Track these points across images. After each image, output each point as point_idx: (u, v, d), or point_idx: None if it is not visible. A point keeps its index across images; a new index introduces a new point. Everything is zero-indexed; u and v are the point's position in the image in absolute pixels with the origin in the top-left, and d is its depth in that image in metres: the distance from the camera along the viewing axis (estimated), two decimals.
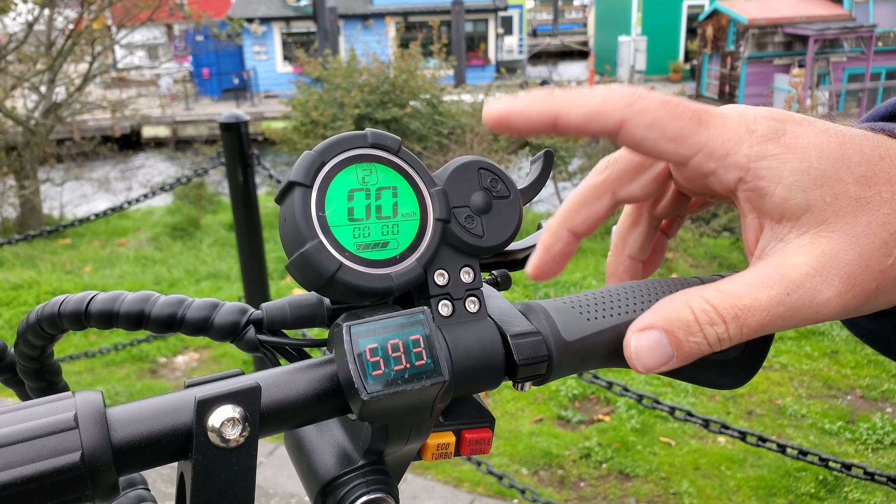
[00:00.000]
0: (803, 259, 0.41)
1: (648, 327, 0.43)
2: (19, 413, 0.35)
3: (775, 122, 0.43)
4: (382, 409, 0.39)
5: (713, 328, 0.41)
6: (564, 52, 37.35)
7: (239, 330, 0.46)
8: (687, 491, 3.30)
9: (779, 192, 0.41)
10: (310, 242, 0.40)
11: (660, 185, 0.50)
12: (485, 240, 0.45)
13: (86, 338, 5.13)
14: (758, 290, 0.41)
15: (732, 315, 0.41)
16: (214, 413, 0.37)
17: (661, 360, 0.43)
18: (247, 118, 3.16)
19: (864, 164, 0.41)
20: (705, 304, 0.42)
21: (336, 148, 0.42)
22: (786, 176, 0.41)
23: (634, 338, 0.43)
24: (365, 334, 0.40)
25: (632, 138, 0.43)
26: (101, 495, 0.36)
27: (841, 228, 0.41)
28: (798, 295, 0.40)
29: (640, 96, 0.43)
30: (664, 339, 0.42)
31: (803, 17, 17.20)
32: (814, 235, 0.41)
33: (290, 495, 3.23)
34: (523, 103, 0.44)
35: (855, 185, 0.41)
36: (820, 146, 0.41)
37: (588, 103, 0.43)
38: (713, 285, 0.43)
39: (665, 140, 0.43)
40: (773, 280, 0.41)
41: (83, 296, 0.46)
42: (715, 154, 0.42)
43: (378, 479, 0.43)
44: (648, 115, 0.43)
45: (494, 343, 0.44)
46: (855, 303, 0.41)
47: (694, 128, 0.42)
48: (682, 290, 0.44)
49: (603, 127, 0.43)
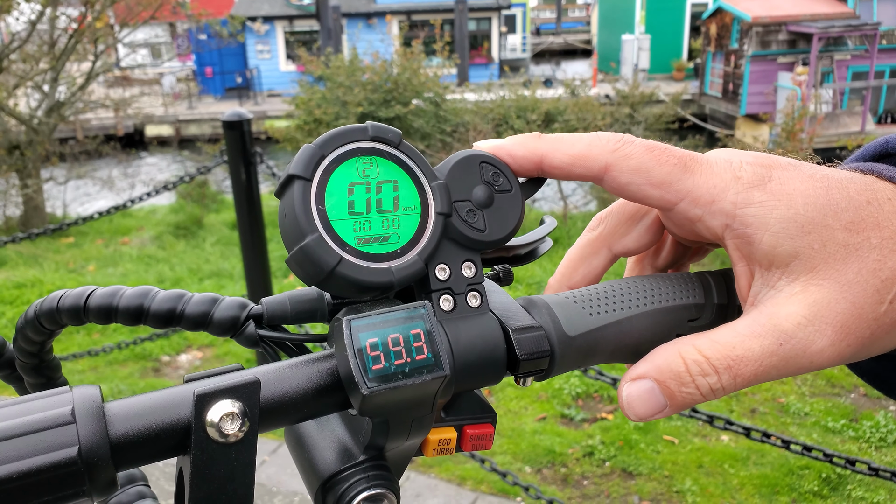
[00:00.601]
0: (795, 308, 0.40)
1: (641, 377, 0.43)
2: (17, 408, 0.35)
3: (761, 168, 0.43)
4: (383, 403, 0.39)
5: (706, 379, 0.41)
6: (568, 50, 37.30)
7: (239, 325, 0.46)
8: (690, 489, 3.30)
9: (766, 240, 0.41)
10: (309, 236, 0.40)
11: (655, 236, 0.51)
12: (486, 234, 0.45)
13: (89, 336, 5.14)
14: (750, 341, 0.41)
15: (725, 366, 0.41)
16: (213, 408, 0.37)
17: (654, 409, 0.43)
18: (250, 116, 3.16)
19: (851, 210, 0.41)
20: (697, 355, 0.41)
21: (336, 141, 0.42)
22: (773, 223, 0.41)
23: (626, 387, 0.43)
24: (365, 328, 0.39)
25: (616, 182, 0.44)
26: (98, 490, 0.35)
27: (831, 276, 0.40)
28: (791, 345, 0.40)
29: (625, 142, 0.44)
30: (656, 389, 0.42)
31: (807, 14, 17.15)
32: (804, 283, 0.41)
33: (293, 493, 3.23)
34: (510, 144, 0.46)
35: (843, 232, 0.41)
36: (806, 192, 0.41)
37: (573, 148, 0.45)
38: (706, 335, 0.42)
39: (650, 185, 0.43)
40: (765, 330, 0.41)
41: (82, 291, 0.46)
42: (700, 200, 0.43)
43: (379, 475, 0.43)
44: (633, 161, 0.43)
45: (496, 338, 0.43)
46: (849, 351, 0.41)
47: (679, 174, 0.43)
48: (676, 339, 0.43)
49: (588, 171, 0.44)
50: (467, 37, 23.90)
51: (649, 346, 0.48)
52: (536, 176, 0.47)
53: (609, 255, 0.52)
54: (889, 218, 0.41)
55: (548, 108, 10.55)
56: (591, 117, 10.14)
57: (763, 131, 15.68)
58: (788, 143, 9.31)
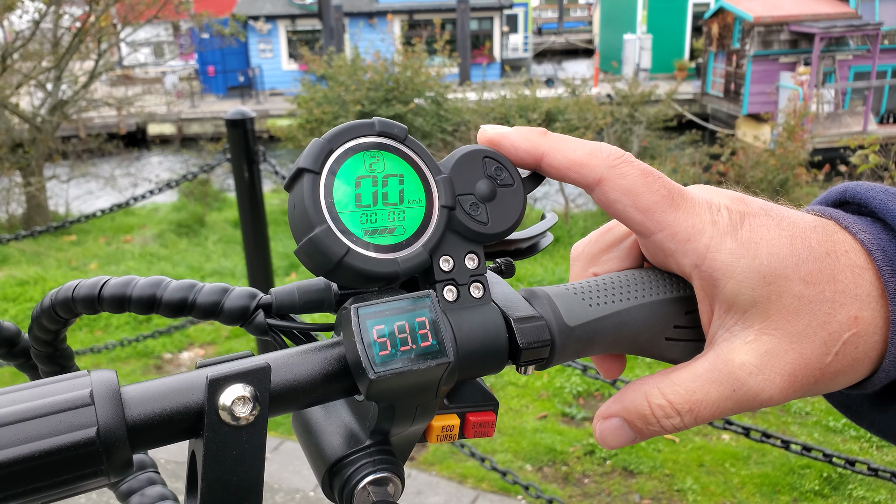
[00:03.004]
0: (747, 358, 0.44)
1: (612, 416, 0.47)
2: (37, 390, 0.36)
3: (737, 214, 0.45)
4: (389, 388, 0.40)
5: (669, 420, 0.45)
6: (569, 50, 37.28)
7: (248, 314, 0.47)
8: (691, 488, 3.31)
9: (729, 287, 0.44)
10: (318, 227, 0.41)
11: (634, 261, 0.53)
12: (489, 227, 0.46)
13: (91, 333, 5.16)
14: (709, 386, 0.44)
15: (687, 408, 0.45)
16: (225, 392, 0.38)
17: (624, 441, 0.47)
18: (253, 115, 3.17)
19: (811, 261, 0.44)
20: (662, 400, 0.45)
21: (344, 136, 0.43)
22: (738, 272, 0.44)
23: (599, 424, 0.48)
24: (372, 316, 0.40)
25: (605, 197, 0.46)
26: (115, 471, 0.37)
27: (782, 327, 0.43)
28: (743, 392, 0.44)
29: (624, 160, 0.46)
30: (625, 426, 0.47)
31: (809, 14, 17.14)
32: (758, 332, 0.44)
33: (294, 490, 3.24)
34: (516, 135, 0.47)
35: (800, 284, 0.43)
36: (772, 242, 0.44)
37: (574, 153, 0.46)
38: (669, 378, 0.46)
39: (635, 209, 0.45)
40: (721, 377, 0.44)
41: (96, 280, 0.47)
42: (677, 237, 0.45)
43: (384, 459, 0.44)
44: (626, 182, 0.45)
45: (498, 327, 0.45)
46: (795, 395, 0.45)
47: (664, 206, 0.45)
48: (642, 380, 0.47)
49: (583, 179, 0.46)
50: (469, 36, 23.90)
51: (648, 336, 0.49)
52: (534, 171, 0.48)
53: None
54: (844, 271, 0.44)
55: (549, 108, 10.55)
56: (591, 116, 10.14)
57: (764, 131, 15.67)
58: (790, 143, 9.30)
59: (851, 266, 0.44)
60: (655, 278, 0.50)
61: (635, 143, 10.39)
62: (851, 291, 0.43)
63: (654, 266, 0.52)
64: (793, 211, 0.47)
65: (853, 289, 0.43)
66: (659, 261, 0.48)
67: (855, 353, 0.44)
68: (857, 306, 0.43)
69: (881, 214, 0.46)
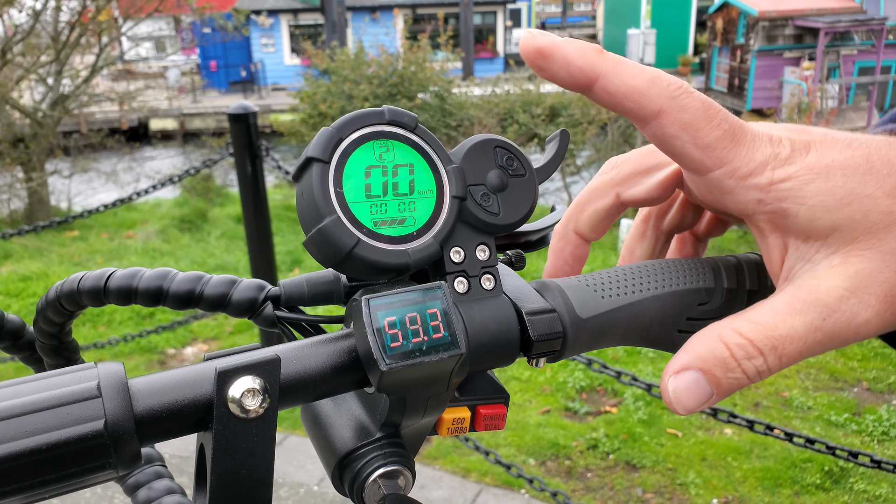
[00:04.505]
0: (836, 282, 0.39)
1: (685, 368, 0.41)
2: (43, 382, 0.36)
3: (800, 142, 0.41)
4: (400, 380, 0.40)
5: (751, 362, 0.40)
6: None
7: (257, 306, 0.47)
8: (693, 482, 3.31)
9: (803, 213, 0.40)
10: (327, 218, 0.40)
11: (665, 192, 0.49)
12: (500, 217, 0.45)
13: (94, 329, 5.16)
14: (792, 318, 0.40)
15: (770, 346, 0.40)
16: (235, 384, 0.37)
17: (702, 399, 0.41)
18: (255, 109, 3.16)
19: (893, 175, 0.40)
20: (740, 339, 0.40)
21: (353, 124, 0.42)
22: (809, 196, 0.40)
23: (672, 380, 0.42)
24: (384, 307, 0.40)
25: (664, 132, 0.41)
26: (123, 463, 0.36)
27: (874, 245, 0.39)
28: (834, 319, 0.39)
29: (685, 91, 0.41)
30: (702, 379, 0.41)
31: (814, 9, 17.08)
32: (844, 255, 0.40)
33: (298, 485, 3.25)
34: (571, 48, 0.41)
35: (887, 199, 0.39)
36: (845, 163, 0.40)
37: (634, 79, 0.41)
38: (743, 316, 0.41)
39: (695, 145, 0.41)
40: (806, 306, 0.40)
41: (102, 272, 0.46)
42: (737, 173, 0.41)
43: (395, 452, 0.44)
44: (687, 115, 0.41)
45: (510, 319, 0.44)
46: (893, 319, 0.40)
47: (726, 141, 0.41)
48: (712, 325, 0.42)
49: (641, 108, 0.41)
50: (472, 31, 23.85)
51: (660, 328, 0.48)
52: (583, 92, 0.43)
53: (615, 201, 0.51)
54: None
55: (553, 103, 10.53)
56: (595, 112, 10.12)
57: None
58: None
59: None
60: (668, 270, 0.49)
61: (639, 137, 10.37)
62: None
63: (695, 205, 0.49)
64: (861, 134, 0.43)
65: None
66: (714, 199, 0.44)
67: None
68: None
69: None
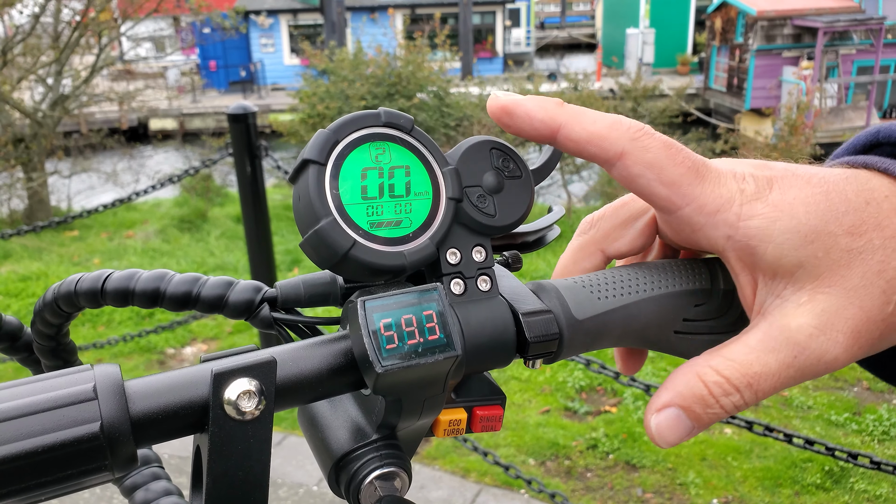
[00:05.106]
0: (805, 320, 0.41)
1: (666, 405, 0.43)
2: (39, 384, 0.36)
3: (763, 179, 0.43)
4: (396, 382, 0.40)
5: (728, 398, 0.42)
6: (572, 44, 37.17)
7: (253, 308, 0.47)
8: (693, 481, 3.31)
9: (770, 251, 0.42)
10: (324, 220, 0.40)
11: (647, 240, 0.51)
12: (497, 219, 0.45)
13: (94, 329, 5.16)
14: (766, 356, 0.41)
15: (746, 384, 0.41)
16: (231, 386, 0.38)
17: (683, 434, 0.43)
18: (255, 109, 3.16)
19: (851, 213, 0.41)
20: (717, 377, 0.42)
21: (349, 126, 0.42)
22: (776, 235, 0.41)
23: (654, 417, 0.43)
24: (379, 309, 0.40)
25: (628, 172, 0.43)
26: (119, 465, 0.36)
27: (837, 283, 0.41)
28: (805, 356, 0.41)
29: (645, 132, 0.43)
30: (682, 415, 0.43)
31: (813, 9, 17.09)
32: (811, 292, 0.41)
33: (298, 485, 3.25)
34: (531, 104, 0.44)
35: (845, 237, 0.41)
36: (806, 200, 0.41)
37: (594, 125, 0.43)
38: (721, 353, 0.43)
39: (660, 183, 0.43)
40: (779, 344, 0.41)
41: (99, 274, 0.47)
42: (705, 209, 0.43)
43: (391, 454, 0.44)
44: (649, 154, 0.43)
45: (506, 320, 0.44)
46: (861, 353, 0.42)
47: (690, 178, 0.43)
48: (690, 362, 0.44)
49: (603, 152, 0.43)
50: (471, 31, 23.85)
51: (656, 329, 0.48)
52: (548, 143, 0.46)
53: (602, 258, 0.52)
54: (889, 216, 0.42)
55: None
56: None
57: (766, 126, 15.64)
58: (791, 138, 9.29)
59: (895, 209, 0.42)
60: (664, 271, 0.49)
61: None
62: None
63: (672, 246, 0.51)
64: (820, 168, 0.45)
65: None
66: (685, 237, 0.46)
67: None
68: None
69: None
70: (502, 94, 0.45)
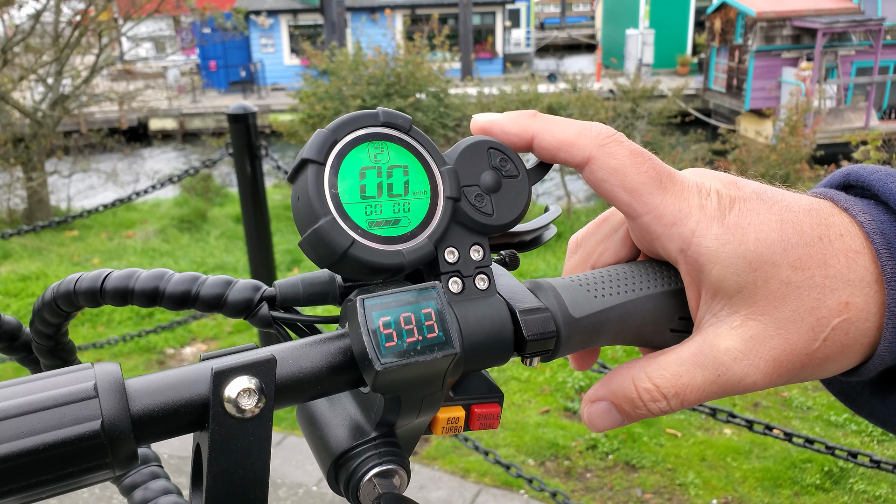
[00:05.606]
0: (733, 343, 0.44)
1: (599, 399, 0.48)
2: (40, 383, 0.36)
3: (727, 198, 0.45)
4: (395, 380, 0.40)
5: (655, 404, 0.45)
6: (572, 45, 37.20)
7: (252, 307, 0.47)
8: (693, 482, 3.31)
9: (715, 272, 0.44)
10: (323, 219, 0.41)
11: (630, 249, 0.52)
12: (494, 218, 0.46)
13: (94, 329, 5.16)
14: (694, 370, 0.44)
15: (673, 392, 0.45)
16: (231, 384, 0.38)
17: (612, 424, 0.48)
18: (255, 109, 3.16)
19: (801, 246, 0.43)
20: (649, 384, 0.45)
21: (348, 126, 0.43)
22: (723, 258, 0.43)
23: (587, 407, 0.48)
24: (378, 307, 0.40)
25: (594, 176, 0.46)
26: (119, 463, 0.36)
27: (769, 312, 0.43)
28: (728, 377, 0.44)
29: (614, 139, 0.46)
30: (613, 409, 0.47)
31: (812, 10, 17.10)
32: (744, 317, 0.44)
33: (297, 485, 3.25)
34: (506, 120, 0.47)
35: (788, 269, 0.43)
36: (760, 227, 0.43)
37: (563, 133, 0.46)
38: (656, 362, 0.46)
39: (622, 189, 0.45)
40: (707, 360, 0.44)
41: (98, 273, 0.47)
42: (663, 220, 0.44)
43: (390, 451, 0.44)
44: (614, 161, 0.45)
45: (504, 319, 0.44)
46: (780, 381, 0.45)
47: (652, 188, 0.44)
48: (629, 364, 0.47)
49: (572, 158, 0.46)
50: (471, 31, 23.86)
51: (653, 327, 0.49)
52: (528, 151, 0.48)
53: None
54: (836, 255, 0.43)
55: (550, 103, 10.54)
56: (593, 112, 10.13)
57: (766, 126, 15.64)
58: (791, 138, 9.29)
59: (846, 250, 0.43)
60: (659, 269, 0.49)
61: (637, 138, 10.38)
62: (843, 276, 0.43)
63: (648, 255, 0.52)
64: (788, 194, 0.46)
65: (845, 273, 0.43)
66: (646, 245, 0.48)
67: (845, 340, 0.43)
68: (848, 292, 0.42)
69: (884, 197, 0.45)
70: (480, 116, 0.48)
